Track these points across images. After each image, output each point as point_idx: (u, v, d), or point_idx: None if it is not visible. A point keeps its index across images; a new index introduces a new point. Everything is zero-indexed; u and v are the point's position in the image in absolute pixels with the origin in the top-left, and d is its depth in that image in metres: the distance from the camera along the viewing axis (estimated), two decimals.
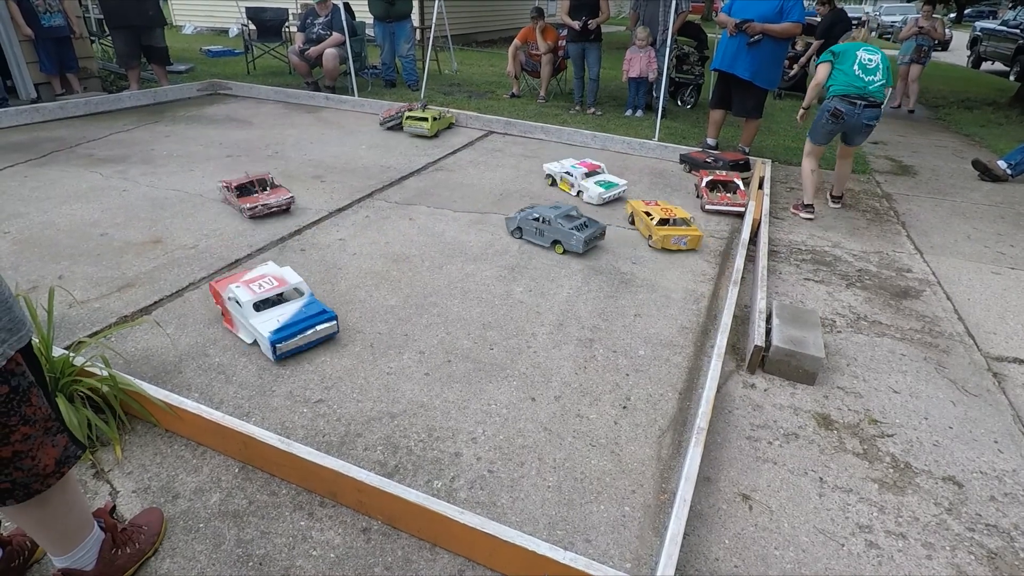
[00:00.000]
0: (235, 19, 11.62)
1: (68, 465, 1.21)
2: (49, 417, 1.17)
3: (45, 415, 1.16)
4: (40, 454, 1.14)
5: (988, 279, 3.35)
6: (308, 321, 2.33)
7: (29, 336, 1.13)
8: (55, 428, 1.18)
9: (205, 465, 1.81)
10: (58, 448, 1.18)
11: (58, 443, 1.18)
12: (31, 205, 3.60)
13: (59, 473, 1.19)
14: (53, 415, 1.19)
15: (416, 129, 5.65)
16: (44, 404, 1.16)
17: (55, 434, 1.18)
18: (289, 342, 2.27)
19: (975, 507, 1.83)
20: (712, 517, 1.74)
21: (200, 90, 7.17)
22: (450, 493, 1.75)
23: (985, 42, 14.95)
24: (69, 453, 1.21)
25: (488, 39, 15.79)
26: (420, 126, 5.64)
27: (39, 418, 1.14)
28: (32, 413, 1.12)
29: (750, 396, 2.28)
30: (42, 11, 5.82)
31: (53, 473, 1.17)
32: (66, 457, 1.20)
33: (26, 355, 1.15)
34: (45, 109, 5.59)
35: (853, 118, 3.80)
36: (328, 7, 7.18)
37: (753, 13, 4.73)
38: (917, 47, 8.07)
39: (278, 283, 2.43)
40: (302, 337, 2.30)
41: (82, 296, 2.66)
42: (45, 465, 1.15)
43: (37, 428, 1.13)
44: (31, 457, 1.13)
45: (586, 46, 6.74)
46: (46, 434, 1.16)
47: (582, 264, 3.22)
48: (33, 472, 1.14)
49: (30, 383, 1.13)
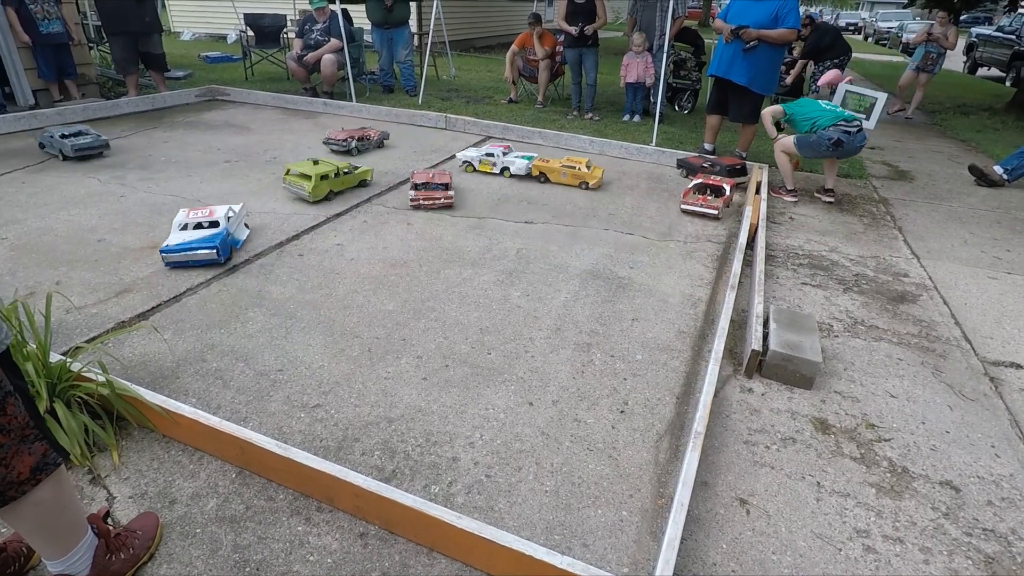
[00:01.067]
0: (233, 25, 11.68)
1: (45, 473, 1.20)
2: (26, 425, 1.17)
3: (22, 423, 1.16)
4: (14, 462, 1.14)
5: (985, 284, 3.36)
6: (195, 244, 2.97)
7: (6, 343, 1.13)
8: (32, 436, 1.18)
9: (202, 470, 1.80)
10: (35, 456, 1.18)
11: (35, 451, 1.18)
12: (29, 211, 3.60)
13: (34, 480, 1.18)
14: (31, 423, 1.19)
15: (295, 189, 3.99)
16: (21, 413, 1.16)
17: (32, 442, 1.18)
18: (173, 255, 2.95)
19: (972, 512, 1.83)
20: (709, 522, 1.74)
21: (198, 96, 7.18)
22: (447, 498, 1.75)
23: (981, 48, 15.06)
24: (48, 460, 1.21)
25: (486, 45, 15.86)
26: (300, 186, 3.93)
27: (14, 427, 1.14)
28: (6, 423, 1.12)
29: (747, 400, 2.28)
30: (40, 18, 5.84)
31: (28, 480, 1.17)
32: (44, 464, 1.20)
33: (4, 364, 1.15)
34: (43, 115, 5.59)
35: (851, 144, 4.23)
36: (326, 13, 7.21)
37: (749, 19, 4.76)
38: (925, 54, 8.09)
39: (209, 214, 3.11)
40: (184, 255, 2.96)
41: (80, 302, 2.66)
42: (19, 473, 1.15)
43: (12, 437, 1.13)
44: (4, 465, 1.13)
45: (583, 51, 6.77)
46: (22, 442, 1.15)
47: (580, 268, 3.23)
48: (7, 480, 1.14)
49: (6, 392, 1.13)
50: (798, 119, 4.40)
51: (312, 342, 2.46)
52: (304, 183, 3.92)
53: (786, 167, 4.55)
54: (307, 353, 2.39)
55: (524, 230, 3.73)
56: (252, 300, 2.76)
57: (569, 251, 3.45)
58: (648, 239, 3.71)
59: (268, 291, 2.84)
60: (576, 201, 4.31)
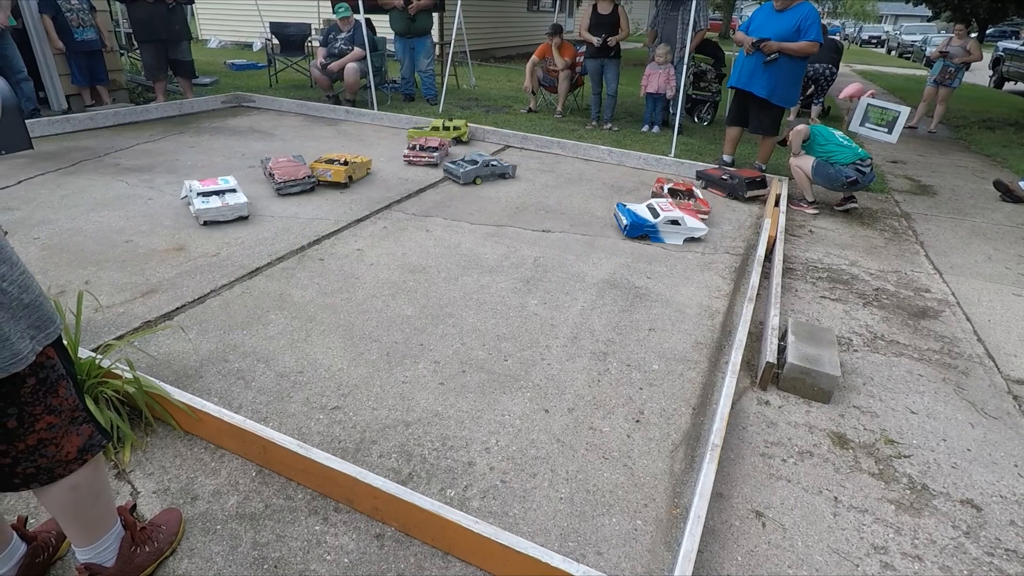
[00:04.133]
0: (259, 34, 11.91)
1: (91, 453, 1.27)
2: (76, 407, 1.24)
3: (72, 405, 1.23)
4: (64, 442, 1.21)
5: (1009, 301, 3.31)
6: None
7: (58, 332, 1.18)
8: (81, 418, 1.25)
9: (223, 468, 1.84)
10: (82, 437, 1.24)
11: (82, 432, 1.25)
12: (60, 212, 3.70)
13: (81, 460, 1.25)
14: (81, 405, 1.26)
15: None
16: (72, 395, 1.23)
17: (80, 424, 1.24)
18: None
19: (994, 531, 1.80)
20: (725, 534, 1.73)
21: (224, 102, 7.34)
22: (463, 502, 1.76)
23: (1008, 62, 14.83)
24: (93, 442, 1.27)
25: (506, 55, 15.99)
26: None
27: (65, 408, 1.21)
28: (59, 404, 1.19)
29: (764, 413, 2.27)
30: (75, 26, 6.01)
31: (75, 460, 1.24)
32: (90, 445, 1.26)
33: (58, 348, 1.21)
34: (75, 120, 5.76)
35: (863, 182, 4.41)
36: (350, 23, 7.34)
37: (770, 32, 4.76)
38: (943, 68, 8.03)
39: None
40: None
41: (107, 301, 2.73)
42: (67, 452, 1.22)
43: (63, 418, 1.20)
44: (55, 444, 1.19)
45: (605, 62, 6.81)
46: (72, 423, 1.22)
47: (597, 278, 3.24)
48: (56, 459, 1.20)
49: (59, 375, 1.20)
50: (816, 145, 4.48)
51: (331, 345, 2.50)
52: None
53: (804, 180, 4.58)
54: (326, 356, 2.42)
55: (542, 238, 3.75)
56: (273, 303, 2.81)
57: (586, 260, 3.46)
58: (665, 249, 3.71)
59: (289, 294, 2.89)
60: (594, 211, 4.33)
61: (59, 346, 1.22)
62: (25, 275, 1.12)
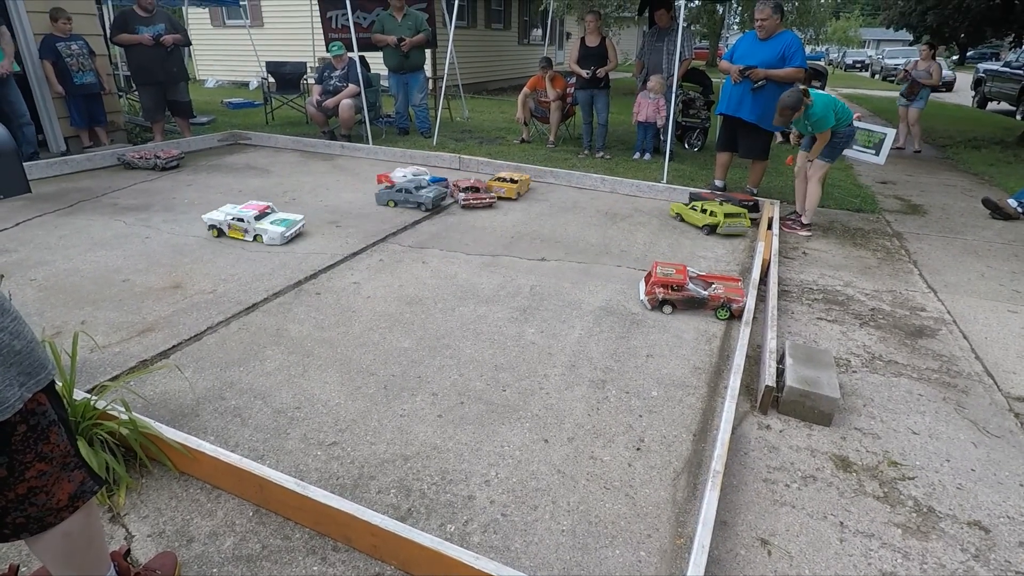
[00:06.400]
0: (255, 73, 12.14)
1: (83, 500, 1.24)
2: (68, 453, 1.21)
3: (64, 451, 1.20)
4: (55, 489, 1.18)
5: (1005, 318, 3.32)
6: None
7: (50, 378, 1.17)
8: (73, 464, 1.23)
9: (219, 509, 1.81)
10: (74, 483, 1.22)
11: (74, 478, 1.22)
12: (57, 253, 3.72)
13: (72, 507, 1.22)
14: (73, 451, 1.23)
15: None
16: (64, 441, 1.21)
17: (72, 469, 1.22)
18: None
19: (1004, 553, 1.77)
20: (730, 562, 1.70)
21: (221, 140, 7.44)
22: (463, 537, 1.73)
23: (989, 83, 15.18)
24: (85, 488, 1.25)
25: (498, 87, 16.29)
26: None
27: (57, 455, 1.18)
28: (50, 450, 1.17)
29: (765, 437, 2.25)
30: (75, 70, 6.13)
31: (66, 507, 1.21)
32: (81, 492, 1.24)
33: (50, 394, 1.20)
34: (73, 161, 5.82)
35: None
36: (344, 60, 7.48)
37: (756, 60, 4.87)
38: (909, 86, 8.23)
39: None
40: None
41: (104, 341, 2.72)
42: (59, 500, 1.19)
43: (54, 465, 1.18)
44: (45, 492, 1.17)
45: (595, 93, 6.95)
46: (63, 470, 1.20)
47: (593, 305, 3.25)
48: (47, 507, 1.18)
49: (50, 422, 1.18)
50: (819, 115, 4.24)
51: (329, 380, 2.49)
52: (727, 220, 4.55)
53: (818, 198, 4.63)
54: (324, 391, 2.41)
55: (538, 267, 3.77)
56: (270, 338, 2.80)
57: (583, 288, 3.48)
58: None
59: (286, 329, 2.89)
60: (589, 239, 4.36)
61: (51, 391, 1.20)
62: (17, 321, 1.11)
